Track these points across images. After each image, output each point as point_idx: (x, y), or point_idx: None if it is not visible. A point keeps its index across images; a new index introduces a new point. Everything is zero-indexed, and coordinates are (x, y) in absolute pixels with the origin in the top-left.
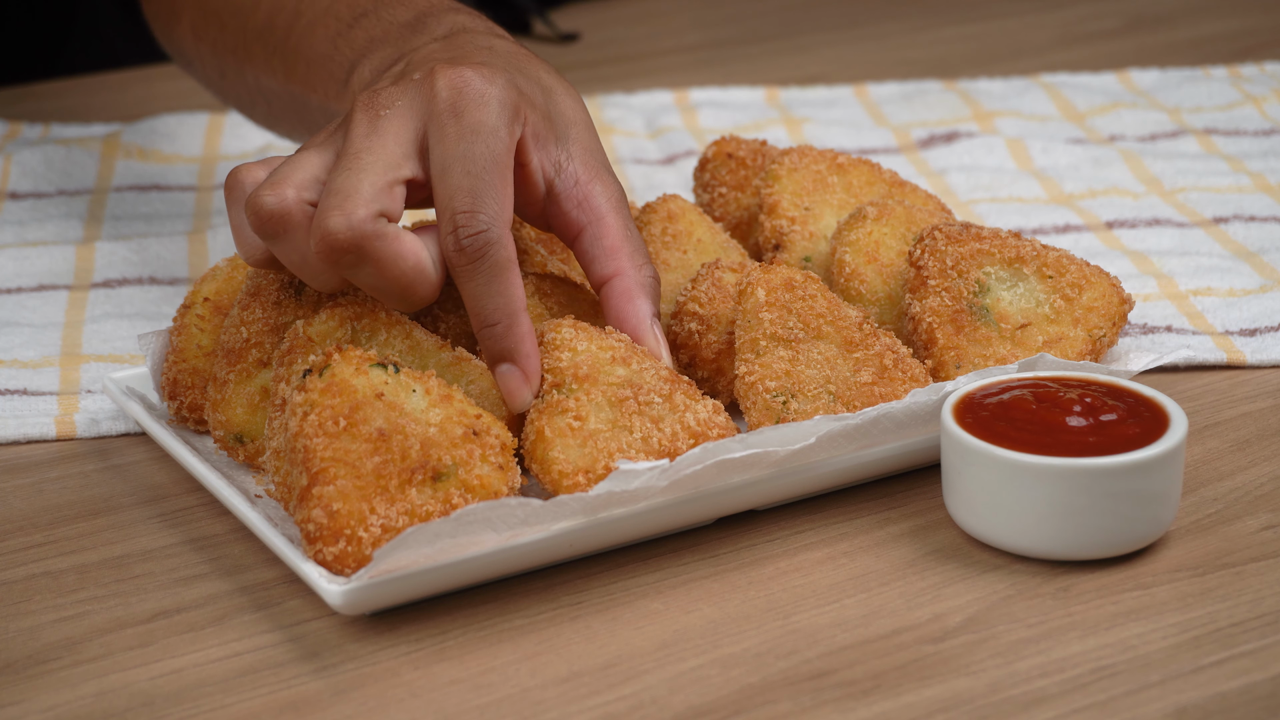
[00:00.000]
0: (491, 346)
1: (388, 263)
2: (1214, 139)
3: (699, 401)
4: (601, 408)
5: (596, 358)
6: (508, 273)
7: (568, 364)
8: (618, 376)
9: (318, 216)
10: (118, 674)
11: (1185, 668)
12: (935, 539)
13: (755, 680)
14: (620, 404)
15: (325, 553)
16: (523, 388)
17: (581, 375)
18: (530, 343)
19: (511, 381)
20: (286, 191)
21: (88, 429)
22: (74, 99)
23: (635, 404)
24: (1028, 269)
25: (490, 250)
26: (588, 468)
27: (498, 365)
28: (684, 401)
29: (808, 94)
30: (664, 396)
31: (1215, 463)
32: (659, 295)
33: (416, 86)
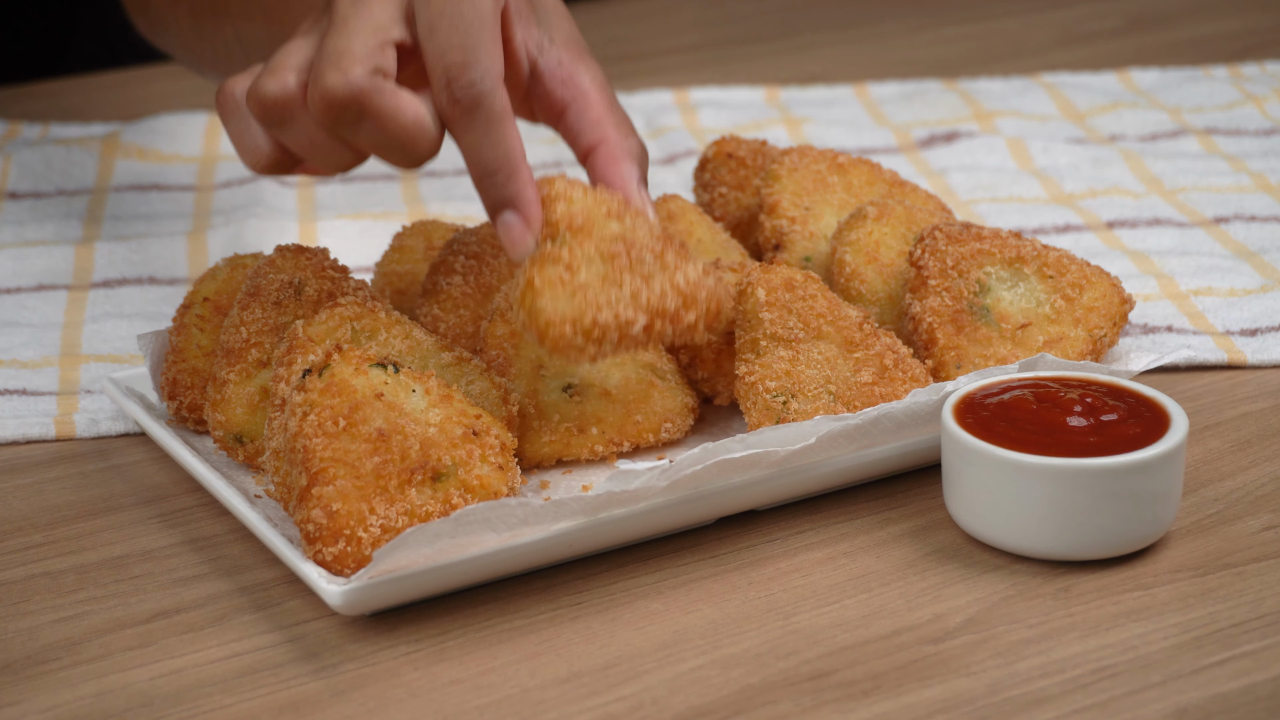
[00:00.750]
0: (492, 195)
1: (388, 116)
2: (1215, 138)
3: (690, 262)
4: (593, 261)
5: (592, 211)
6: (504, 122)
7: (562, 214)
8: (611, 231)
9: (313, 79)
10: (117, 674)
11: (1186, 668)
12: (936, 539)
13: (755, 681)
14: (612, 259)
15: (325, 553)
16: (525, 235)
17: (576, 227)
18: (532, 190)
19: (513, 230)
20: (287, 76)
21: (87, 429)
22: (73, 99)
23: (626, 259)
24: (1028, 269)
25: (485, 100)
26: (575, 318)
27: (499, 214)
28: (675, 260)
29: (808, 94)
30: (655, 254)
31: (1216, 463)
32: (647, 164)
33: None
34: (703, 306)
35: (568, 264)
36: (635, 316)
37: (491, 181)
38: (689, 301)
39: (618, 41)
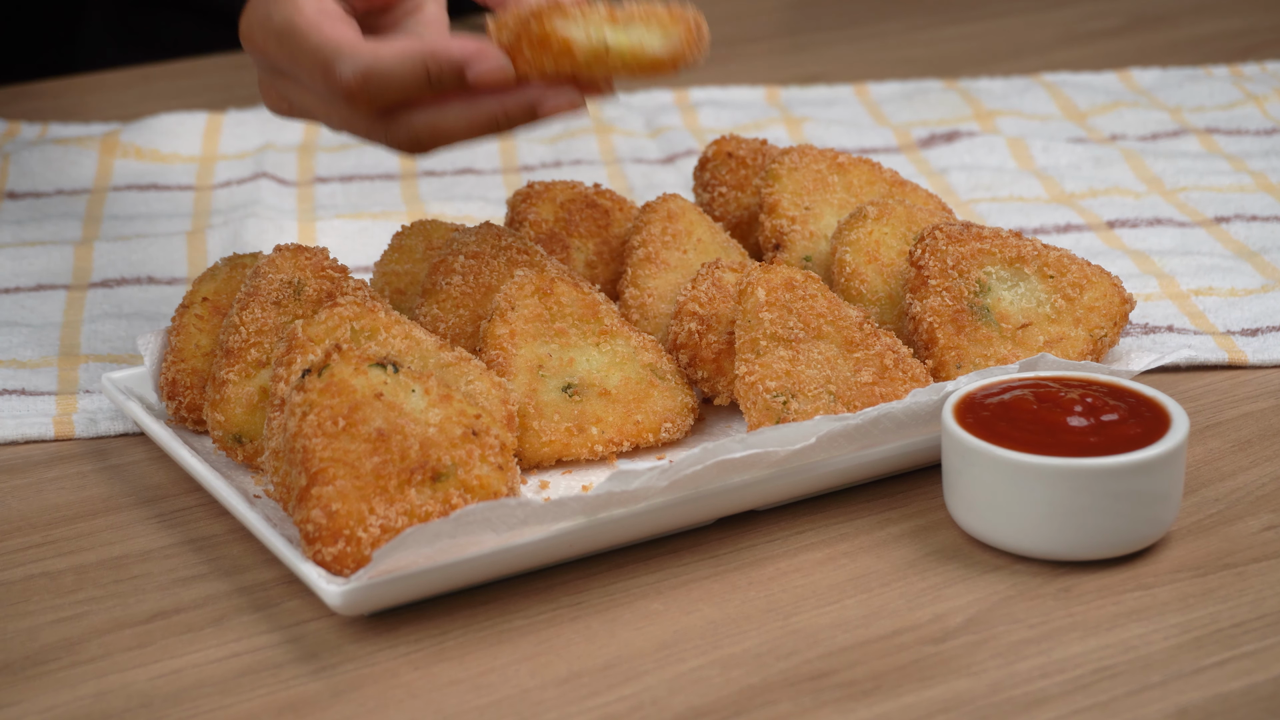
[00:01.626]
0: (449, 80)
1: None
2: (1215, 138)
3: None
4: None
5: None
6: (380, 56)
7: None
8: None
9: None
10: (116, 674)
11: (1187, 668)
12: (936, 539)
13: (755, 681)
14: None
15: (324, 553)
16: (491, 63)
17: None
18: (456, 40)
19: (481, 69)
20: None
21: (86, 429)
22: (72, 98)
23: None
24: (1029, 269)
25: (357, 69)
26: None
27: (465, 78)
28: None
29: (808, 93)
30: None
31: (1216, 463)
32: None
33: (258, 68)
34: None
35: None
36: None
37: (434, 79)
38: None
39: None
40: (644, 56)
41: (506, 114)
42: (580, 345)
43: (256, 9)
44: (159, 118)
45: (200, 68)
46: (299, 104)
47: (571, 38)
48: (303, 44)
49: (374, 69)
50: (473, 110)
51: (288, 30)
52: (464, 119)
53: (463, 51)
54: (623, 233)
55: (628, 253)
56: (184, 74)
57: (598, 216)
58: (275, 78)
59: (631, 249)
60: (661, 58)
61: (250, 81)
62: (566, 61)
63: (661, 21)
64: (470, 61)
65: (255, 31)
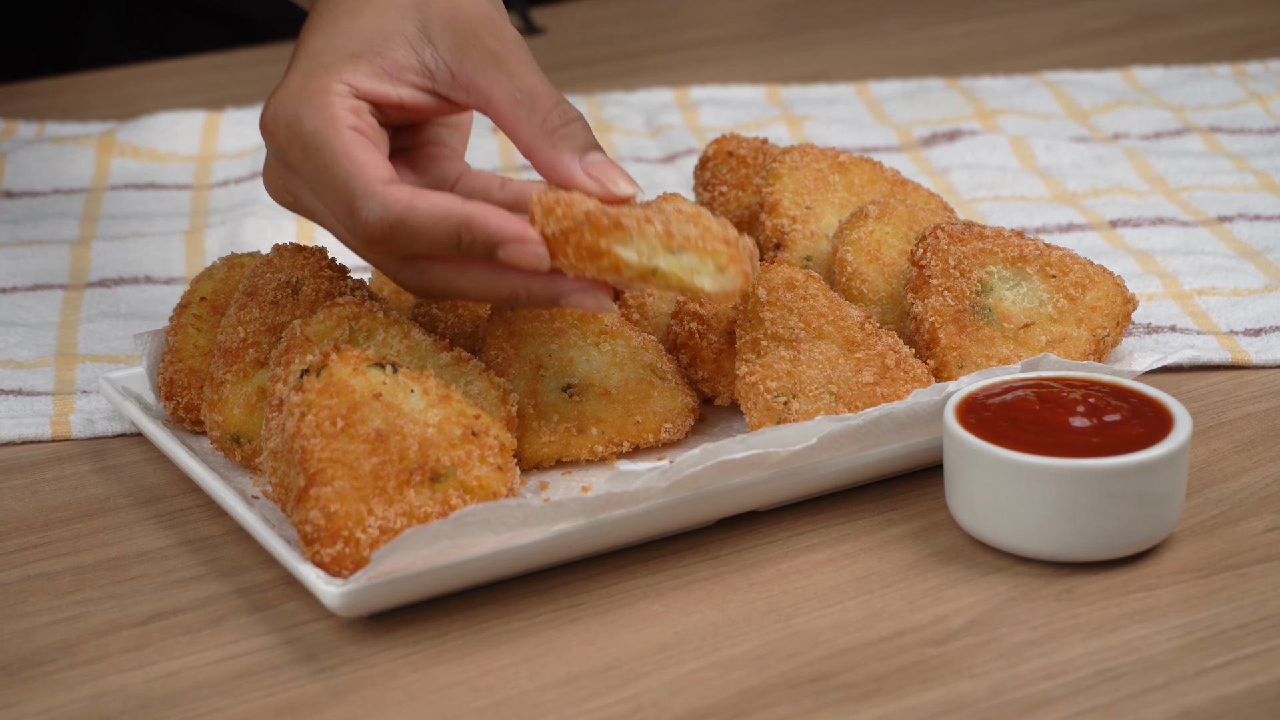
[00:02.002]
0: (476, 251)
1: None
2: (1218, 137)
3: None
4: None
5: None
6: (415, 212)
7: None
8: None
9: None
10: (113, 676)
11: (1189, 670)
12: (937, 540)
13: (756, 683)
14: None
15: (323, 554)
16: (530, 250)
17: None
18: (497, 214)
19: (516, 253)
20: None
21: (83, 429)
22: (69, 97)
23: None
24: (1031, 268)
25: (386, 216)
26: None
27: (494, 257)
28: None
29: (809, 92)
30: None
31: (1220, 464)
32: (579, 126)
33: (271, 156)
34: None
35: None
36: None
37: (465, 246)
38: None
39: (617, 39)
40: (691, 287)
41: (529, 294)
42: (580, 345)
43: (285, 106)
44: (156, 116)
45: (198, 66)
46: (306, 205)
47: (624, 259)
48: (331, 168)
49: (404, 222)
50: (495, 281)
51: (317, 145)
52: (483, 286)
53: (501, 232)
54: None
55: None
56: (181, 72)
57: None
58: (286, 172)
59: None
60: (710, 293)
61: (249, 80)
62: (610, 275)
63: (716, 252)
64: (507, 243)
65: (280, 129)
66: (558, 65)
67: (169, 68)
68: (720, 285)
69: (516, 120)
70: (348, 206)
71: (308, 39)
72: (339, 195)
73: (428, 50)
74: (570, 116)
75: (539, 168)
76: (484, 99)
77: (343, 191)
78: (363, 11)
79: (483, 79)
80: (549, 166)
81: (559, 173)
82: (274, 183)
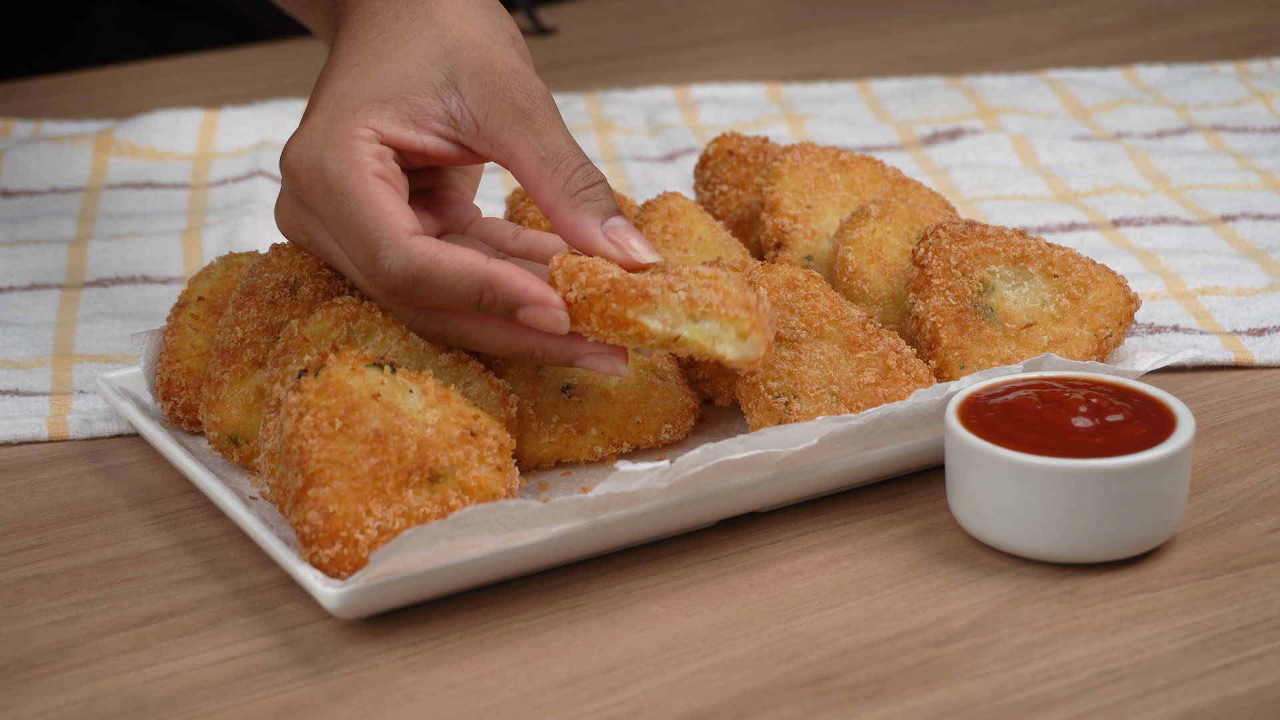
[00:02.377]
0: (497, 310)
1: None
2: (1221, 136)
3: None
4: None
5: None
6: (439, 266)
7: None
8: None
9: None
10: (110, 678)
11: (1192, 672)
12: (939, 541)
13: (757, 684)
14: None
15: (321, 555)
16: (551, 314)
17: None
18: (520, 275)
19: (538, 317)
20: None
21: (80, 430)
22: (66, 95)
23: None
24: (1033, 268)
25: (410, 268)
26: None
27: (515, 317)
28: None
29: (810, 90)
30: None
31: (1223, 464)
32: (602, 189)
33: (287, 193)
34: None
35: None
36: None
37: (485, 304)
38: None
39: (618, 38)
40: (713, 354)
41: (545, 353)
42: None
43: (310, 147)
44: (154, 115)
45: (196, 64)
46: (321, 246)
47: (649, 329)
48: (355, 215)
49: (427, 276)
50: (510, 337)
51: (342, 190)
52: (498, 342)
53: (525, 294)
54: None
55: None
56: (180, 71)
57: None
58: (304, 212)
59: None
60: (732, 360)
61: (248, 79)
62: (633, 343)
63: (738, 319)
64: (528, 305)
65: (303, 171)
66: (557, 64)
67: (167, 66)
68: (742, 352)
69: (540, 179)
70: (370, 255)
71: (333, 80)
72: (361, 243)
73: (454, 99)
74: (594, 179)
75: (559, 228)
76: (507, 153)
77: (366, 239)
78: (391, 56)
79: (508, 134)
80: (570, 229)
81: (579, 236)
82: (288, 220)
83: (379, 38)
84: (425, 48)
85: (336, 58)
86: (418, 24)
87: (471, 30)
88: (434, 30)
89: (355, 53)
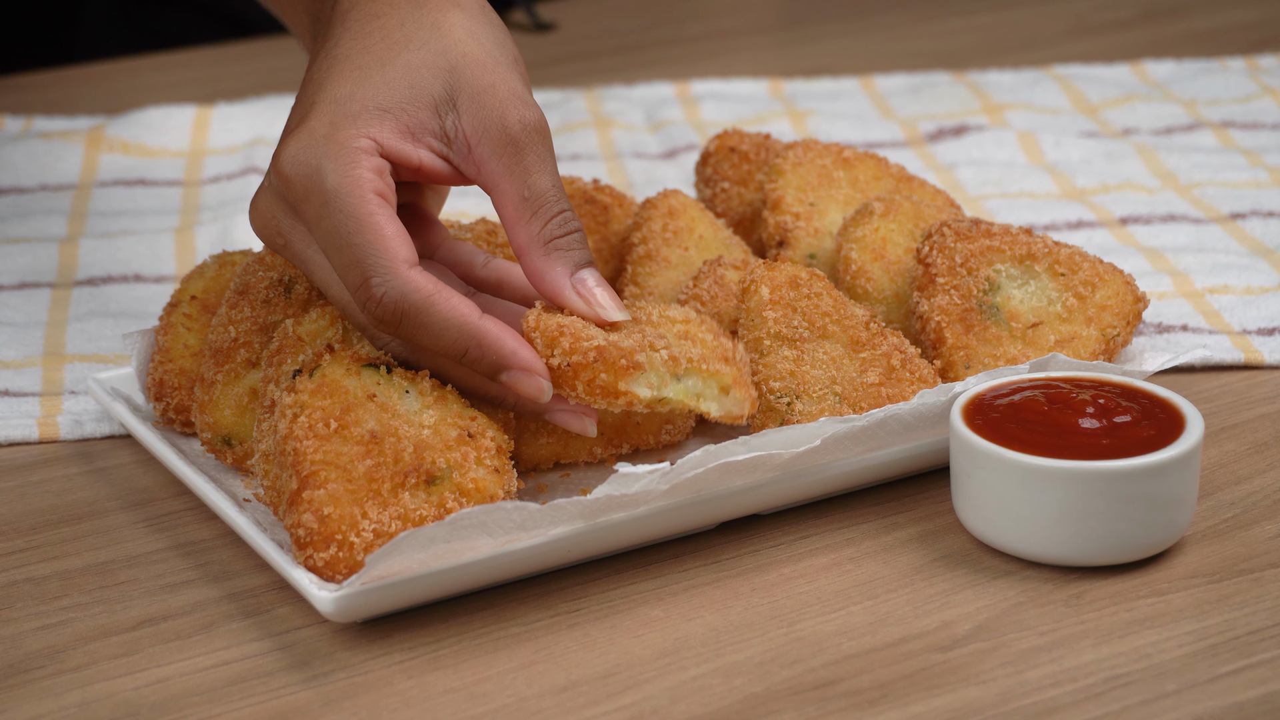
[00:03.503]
0: (481, 368)
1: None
2: (1231, 132)
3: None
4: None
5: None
6: (433, 305)
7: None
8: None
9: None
10: (102, 683)
11: (1202, 677)
12: (944, 544)
13: (758, 690)
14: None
15: (316, 558)
16: (534, 381)
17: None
18: (510, 337)
19: (523, 384)
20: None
21: (71, 431)
22: (57, 91)
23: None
24: (1039, 266)
25: (402, 303)
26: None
27: (497, 379)
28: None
29: (812, 86)
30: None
31: (1232, 466)
32: (577, 239)
33: (271, 193)
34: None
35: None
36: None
37: (469, 360)
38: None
39: (617, 32)
40: (697, 410)
41: (516, 404)
42: None
43: (309, 152)
44: (146, 111)
45: (189, 60)
46: (298, 253)
47: (637, 396)
48: (351, 235)
49: (418, 314)
50: (483, 385)
51: (340, 207)
52: (469, 384)
53: (513, 359)
54: (622, 230)
55: (627, 250)
56: (172, 66)
57: (596, 213)
58: (288, 216)
59: (631, 246)
60: (716, 418)
61: (241, 74)
62: (618, 408)
63: (719, 374)
64: (514, 370)
65: (299, 177)
66: (555, 59)
67: (159, 61)
68: (726, 409)
69: (517, 219)
70: (362, 278)
71: (332, 80)
72: (354, 263)
73: (450, 118)
74: (570, 228)
75: (528, 273)
76: (491, 183)
77: (360, 262)
78: (393, 63)
79: (496, 164)
80: (539, 276)
81: (547, 285)
82: (266, 220)
83: (381, 42)
84: (429, 60)
85: (335, 57)
86: (423, 34)
87: (476, 49)
88: (439, 43)
89: (356, 55)
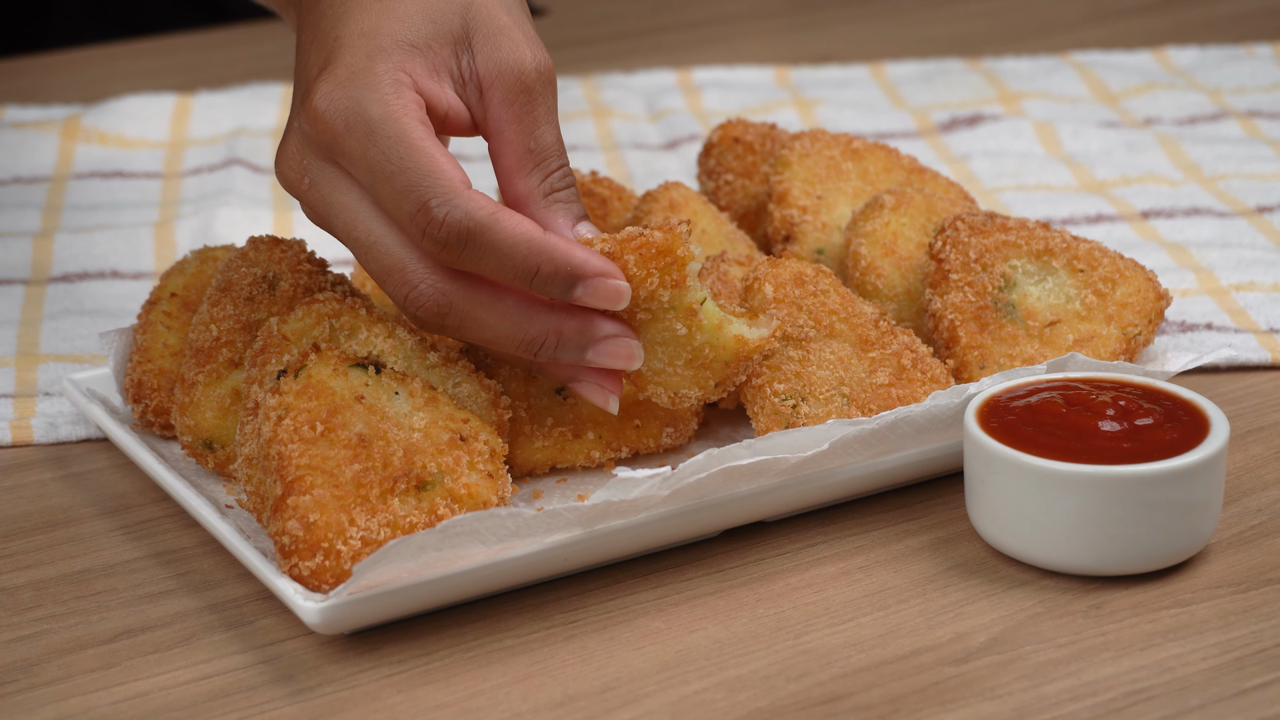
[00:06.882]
0: (554, 286)
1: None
2: (1257, 122)
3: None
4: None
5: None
6: (500, 224)
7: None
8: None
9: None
10: (78, 698)
11: (1227, 691)
12: (957, 552)
13: (764, 704)
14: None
15: (301, 567)
16: (611, 285)
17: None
18: (579, 249)
19: (599, 289)
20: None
21: (45, 434)
22: (30, 79)
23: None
24: (1057, 262)
25: (467, 222)
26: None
27: (572, 296)
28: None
29: (820, 74)
30: None
31: (1259, 470)
32: (575, 193)
33: (299, 138)
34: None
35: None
36: None
37: (541, 278)
38: None
39: (617, 18)
40: (727, 334)
41: (560, 339)
42: None
43: (344, 88)
44: (124, 100)
45: (168, 46)
46: (323, 196)
47: (689, 277)
48: (404, 159)
49: (485, 232)
50: (523, 319)
51: (389, 134)
52: (507, 323)
53: (586, 266)
54: (621, 223)
55: None
56: (150, 53)
57: (595, 206)
58: (323, 166)
59: None
60: (750, 340)
61: (222, 61)
62: (667, 280)
63: (736, 312)
64: (590, 279)
65: (337, 115)
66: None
67: (137, 49)
68: (757, 330)
69: (519, 169)
70: (420, 203)
71: (352, 16)
72: (408, 189)
73: (465, 58)
74: (570, 182)
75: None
76: (495, 129)
77: (416, 187)
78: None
79: (505, 111)
80: (541, 226)
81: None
82: (292, 165)
83: None
84: None
85: None
86: None
87: None
88: None
89: None
